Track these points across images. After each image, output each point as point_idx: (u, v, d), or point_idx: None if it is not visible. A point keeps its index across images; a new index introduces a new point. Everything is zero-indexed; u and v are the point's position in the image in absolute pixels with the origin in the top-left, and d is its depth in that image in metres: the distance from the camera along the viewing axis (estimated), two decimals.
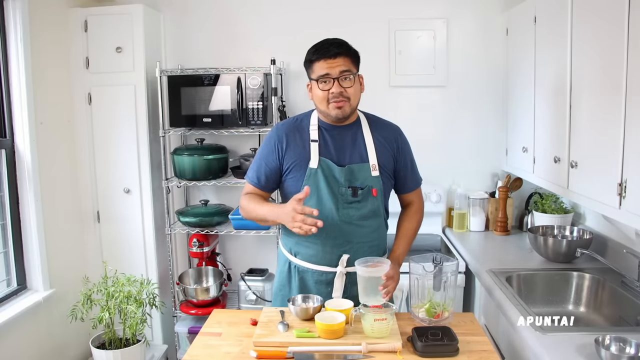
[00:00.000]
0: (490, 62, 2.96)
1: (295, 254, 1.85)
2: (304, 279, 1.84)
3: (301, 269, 1.84)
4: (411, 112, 3.00)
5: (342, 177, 1.75)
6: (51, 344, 2.59)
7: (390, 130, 1.86)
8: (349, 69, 1.70)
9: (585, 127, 1.94)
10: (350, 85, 1.71)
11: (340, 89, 1.70)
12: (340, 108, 1.71)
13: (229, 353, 1.53)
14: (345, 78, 1.70)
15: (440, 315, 1.68)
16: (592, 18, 1.87)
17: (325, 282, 1.81)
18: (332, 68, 1.68)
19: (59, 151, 2.71)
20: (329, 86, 1.70)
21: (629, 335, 1.46)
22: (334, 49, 1.69)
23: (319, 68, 1.70)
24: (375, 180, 1.78)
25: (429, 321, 1.67)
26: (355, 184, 1.76)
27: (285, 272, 1.88)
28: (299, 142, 1.80)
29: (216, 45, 3.03)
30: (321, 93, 1.71)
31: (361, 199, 1.76)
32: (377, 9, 2.95)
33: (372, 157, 1.78)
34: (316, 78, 1.71)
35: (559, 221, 2.54)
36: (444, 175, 2.99)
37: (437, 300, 1.70)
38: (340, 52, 1.70)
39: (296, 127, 1.83)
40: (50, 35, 2.63)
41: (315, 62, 1.71)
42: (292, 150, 1.79)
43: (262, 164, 1.83)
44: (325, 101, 1.72)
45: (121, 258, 2.87)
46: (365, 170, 1.77)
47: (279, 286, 1.91)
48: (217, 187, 3.01)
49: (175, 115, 2.81)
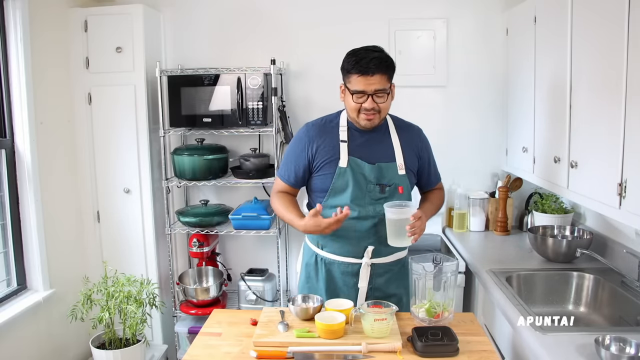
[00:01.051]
0: (490, 62, 2.96)
1: (322, 247, 1.93)
2: (330, 270, 1.91)
3: (328, 261, 1.92)
4: (411, 112, 2.96)
5: (371, 175, 1.84)
6: (51, 344, 2.59)
7: (413, 131, 1.98)
8: (384, 87, 1.76)
9: (585, 127, 1.94)
10: (383, 101, 1.78)
11: (373, 105, 1.76)
12: (370, 120, 1.80)
13: (229, 353, 1.53)
14: (379, 95, 1.76)
15: (441, 315, 1.68)
16: (592, 18, 1.87)
17: (351, 273, 1.88)
18: (369, 85, 1.74)
19: (59, 151, 2.71)
20: (362, 100, 1.77)
21: (629, 335, 1.46)
22: (373, 66, 1.73)
23: (355, 82, 1.76)
24: (402, 178, 1.87)
25: (429, 321, 1.67)
26: (383, 182, 1.85)
27: (312, 264, 1.96)
28: (328, 142, 1.88)
29: (216, 45, 3.03)
30: (354, 105, 1.79)
31: (388, 195, 1.85)
32: (377, 9, 2.95)
33: (399, 157, 1.88)
34: (352, 92, 1.77)
35: (559, 221, 2.54)
36: (444, 175, 2.91)
37: (437, 300, 1.70)
38: (379, 70, 1.74)
39: (326, 128, 1.91)
40: (50, 35, 2.63)
41: (353, 74, 1.76)
42: (322, 150, 1.87)
43: (293, 162, 1.91)
44: (357, 111, 1.80)
45: (121, 258, 2.87)
46: (392, 169, 1.86)
47: (305, 279, 1.99)
48: (217, 187, 3.01)
49: (175, 115, 2.81)
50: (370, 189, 1.84)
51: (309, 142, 1.88)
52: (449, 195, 3.00)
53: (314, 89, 3.01)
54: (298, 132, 1.95)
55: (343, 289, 1.90)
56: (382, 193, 1.84)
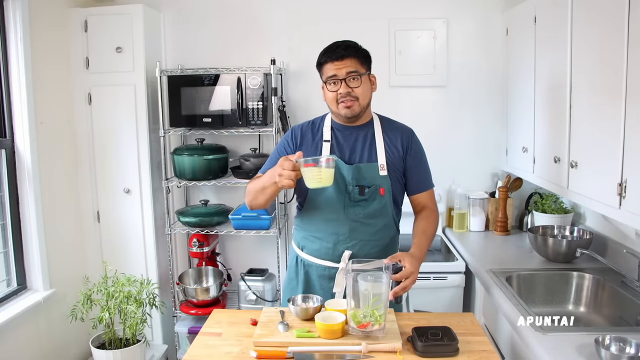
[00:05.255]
0: (490, 62, 2.96)
1: (302, 248, 1.91)
2: (308, 273, 1.89)
3: (306, 262, 1.90)
4: (411, 112, 2.99)
5: (349, 175, 1.79)
6: (51, 344, 2.59)
7: (401, 132, 1.89)
8: (356, 69, 1.75)
9: (585, 127, 1.94)
10: (358, 85, 1.76)
11: (347, 89, 1.75)
12: (349, 107, 1.77)
13: (229, 353, 1.53)
14: (352, 78, 1.75)
15: (367, 327, 1.54)
16: (592, 18, 1.87)
17: (327, 277, 1.85)
18: (339, 69, 1.74)
19: (59, 151, 2.71)
20: (337, 87, 1.76)
21: (629, 335, 1.46)
22: (340, 50, 1.75)
23: (328, 70, 1.77)
24: (383, 179, 1.82)
25: (352, 329, 1.56)
26: (362, 183, 1.80)
27: (293, 265, 1.95)
28: (311, 141, 1.87)
29: (216, 45, 3.03)
30: (330, 94, 1.78)
31: (368, 197, 1.80)
32: (377, 9, 2.95)
33: (381, 157, 1.83)
34: (325, 80, 1.78)
35: (559, 221, 2.54)
36: (444, 175, 2.99)
37: (375, 311, 1.53)
38: (347, 53, 1.75)
39: (311, 128, 1.91)
40: (50, 35, 2.63)
41: (324, 64, 1.78)
42: (304, 148, 1.85)
43: (276, 153, 1.90)
44: (335, 102, 1.78)
45: (121, 258, 2.87)
46: (373, 170, 1.81)
47: (288, 280, 1.99)
48: (217, 187, 3.01)
49: (175, 115, 2.81)
50: (349, 190, 1.79)
51: (292, 137, 1.89)
52: (449, 195, 3.01)
53: (313, 89, 3.00)
54: (285, 133, 1.97)
55: (320, 292, 1.83)
56: (361, 195, 1.79)
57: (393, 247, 1.89)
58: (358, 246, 1.80)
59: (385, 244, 1.85)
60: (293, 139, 1.89)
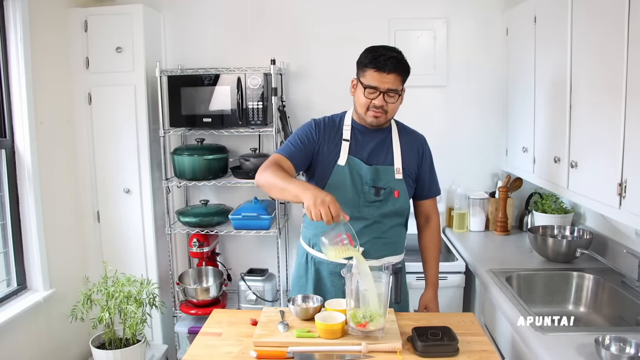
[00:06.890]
0: (490, 62, 2.96)
1: (313, 246, 1.92)
2: (319, 270, 1.90)
3: (317, 260, 1.91)
4: (411, 112, 2.97)
5: (367, 176, 1.83)
6: (51, 344, 2.59)
7: (416, 139, 1.96)
8: (397, 87, 1.76)
9: (585, 127, 1.94)
10: (393, 102, 1.78)
11: (382, 103, 1.77)
12: (376, 118, 1.80)
13: (229, 353, 1.53)
14: (390, 95, 1.76)
15: (365, 326, 1.54)
16: (592, 18, 1.87)
17: (338, 273, 1.85)
18: (382, 83, 1.74)
19: (59, 151, 2.71)
20: (373, 97, 1.77)
21: (629, 335, 1.46)
22: (390, 65, 1.73)
23: (370, 78, 1.75)
24: (398, 182, 1.86)
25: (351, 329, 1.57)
26: (378, 184, 1.84)
27: (303, 263, 1.96)
28: (332, 137, 1.88)
29: (216, 45, 3.03)
30: (364, 100, 1.79)
31: (383, 198, 1.84)
32: (377, 9, 2.95)
33: (398, 161, 1.87)
34: (364, 86, 1.77)
35: (559, 221, 2.54)
36: (444, 175, 2.95)
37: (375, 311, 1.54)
38: (396, 70, 1.75)
39: (332, 124, 1.91)
40: (50, 35, 2.63)
41: (368, 69, 1.76)
42: (325, 143, 1.86)
43: (297, 138, 1.86)
44: (366, 108, 1.79)
45: (121, 258, 2.87)
46: (389, 173, 1.85)
47: (297, 277, 1.99)
48: (217, 187, 3.01)
49: (175, 115, 2.81)
50: (365, 190, 1.83)
51: (316, 126, 1.88)
52: (449, 195, 3.01)
53: (314, 89, 3.01)
54: (306, 123, 1.92)
55: (331, 290, 1.88)
56: (377, 195, 1.83)
57: (401, 245, 1.95)
58: (369, 244, 1.82)
59: (394, 242, 1.91)
60: (317, 131, 1.87)
